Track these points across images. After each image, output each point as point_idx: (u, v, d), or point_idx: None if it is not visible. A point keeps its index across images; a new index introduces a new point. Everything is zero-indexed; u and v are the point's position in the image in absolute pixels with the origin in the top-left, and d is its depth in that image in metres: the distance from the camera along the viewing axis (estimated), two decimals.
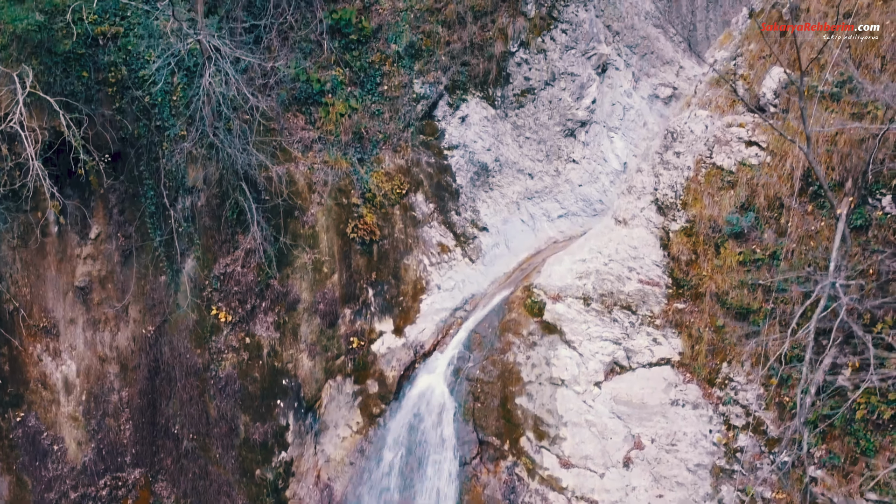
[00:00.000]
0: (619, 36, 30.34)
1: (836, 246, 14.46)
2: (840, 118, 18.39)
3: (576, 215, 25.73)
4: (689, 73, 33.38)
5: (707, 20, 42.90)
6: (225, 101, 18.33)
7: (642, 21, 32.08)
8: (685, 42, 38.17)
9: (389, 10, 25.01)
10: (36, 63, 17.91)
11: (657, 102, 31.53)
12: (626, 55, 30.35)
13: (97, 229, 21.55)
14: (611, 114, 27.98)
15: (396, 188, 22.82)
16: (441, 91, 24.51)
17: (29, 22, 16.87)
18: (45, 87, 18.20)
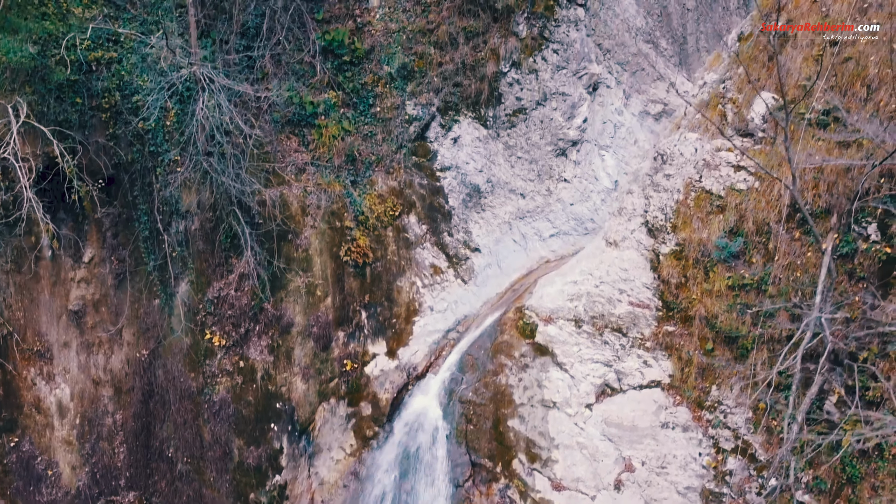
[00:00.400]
0: (610, 54, 30.59)
1: (821, 279, 14.69)
2: (827, 146, 18.68)
3: (567, 234, 25.93)
4: (680, 88, 33.66)
5: (698, 32, 43.18)
6: (219, 130, 18.43)
7: (633, 37, 32.35)
8: (676, 56, 38.48)
9: (382, 32, 25.17)
10: (29, 92, 17.98)
11: (648, 119, 31.80)
12: (616, 73, 30.59)
13: (91, 253, 21.62)
14: (602, 132, 28.21)
15: (389, 210, 22.97)
16: (433, 112, 24.69)
17: (23, 55, 16.95)
18: (38, 115, 18.27)
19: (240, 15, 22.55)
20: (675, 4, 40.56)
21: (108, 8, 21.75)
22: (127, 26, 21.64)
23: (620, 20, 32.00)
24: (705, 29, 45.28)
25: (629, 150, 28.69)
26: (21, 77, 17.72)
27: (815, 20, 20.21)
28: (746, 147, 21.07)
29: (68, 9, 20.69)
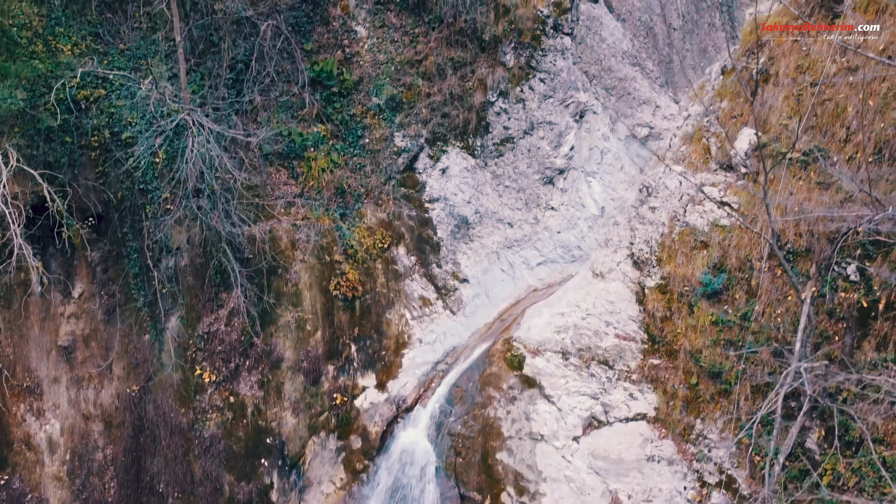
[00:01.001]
0: (597, 79, 30.93)
1: (800, 328, 15.03)
2: (807, 186, 19.06)
3: (555, 262, 26.22)
4: (666, 111, 34.07)
5: (683, 51, 43.64)
6: (209, 172, 18.58)
7: (619, 62, 32.70)
8: (662, 77, 38.89)
9: (370, 63, 25.38)
10: (18, 136, 18.05)
11: (634, 143, 32.16)
12: (603, 98, 30.93)
13: (80, 288, 21.69)
14: (588, 158, 28.53)
15: (378, 242, 23.18)
16: (422, 144, 24.91)
17: (12, 102, 17.03)
18: (27, 157, 18.34)
19: (229, 49, 22.68)
20: (660, 25, 41.00)
21: (97, 44, 21.85)
22: (117, 62, 21.76)
23: (607, 45, 32.35)
24: (691, 46, 45.78)
25: (616, 176, 29.03)
26: (10, 122, 17.79)
27: (796, 59, 20.61)
28: (730, 182, 21.45)
29: (57, 47, 20.77)
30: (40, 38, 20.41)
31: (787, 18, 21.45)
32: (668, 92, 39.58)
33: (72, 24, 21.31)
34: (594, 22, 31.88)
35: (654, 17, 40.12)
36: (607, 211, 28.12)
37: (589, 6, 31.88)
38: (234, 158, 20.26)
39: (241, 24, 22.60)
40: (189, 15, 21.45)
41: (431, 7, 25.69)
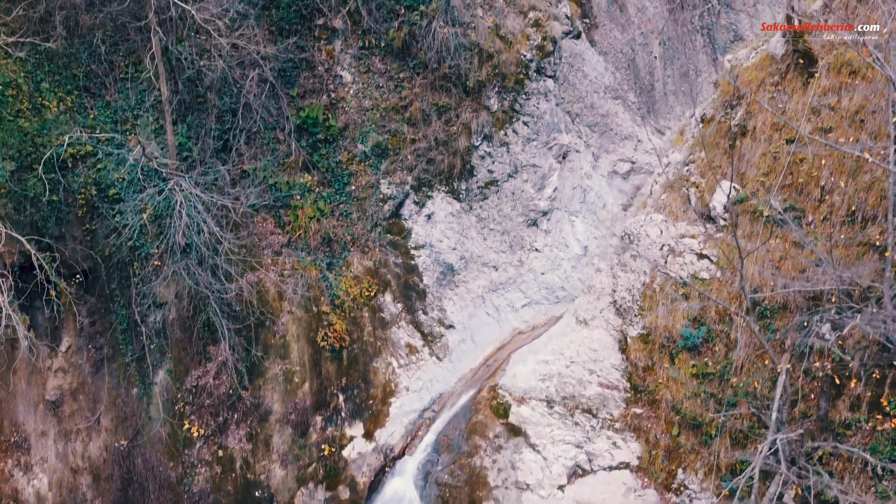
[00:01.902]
0: (580, 118, 31.35)
1: (776, 398, 15.48)
2: (784, 244, 19.59)
3: (539, 304, 26.60)
4: (647, 146, 34.55)
5: (665, 77, 44.24)
6: (197, 236, 18.75)
7: (602, 97, 33.14)
8: (644, 107, 39.43)
9: (356, 109, 25.63)
10: (4, 202, 18.14)
11: (616, 178, 32.61)
12: (586, 136, 31.35)
13: (68, 342, 21.75)
14: (571, 198, 28.94)
15: (365, 291, 23.43)
16: (407, 191, 25.19)
17: (1, 175, 17.11)
18: (13, 221, 18.42)
19: (216, 101, 22.83)
20: (641, 54, 41.56)
21: (83, 97, 21.92)
22: (102, 115, 21.87)
23: (589, 81, 32.78)
24: (672, 72, 46.40)
25: (599, 215, 29.46)
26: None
27: (772, 116, 21.11)
28: (709, 234, 21.95)
29: (43, 104, 20.85)
30: (25, 95, 20.45)
31: (764, 74, 21.99)
32: (650, 120, 40.14)
33: (58, 78, 21.36)
34: (576, 59, 32.29)
35: (636, 47, 40.67)
36: (590, 250, 28.54)
37: (571, 43, 32.28)
38: (221, 214, 20.41)
39: (227, 74, 22.73)
40: (175, 69, 21.57)
41: (416, 52, 25.97)
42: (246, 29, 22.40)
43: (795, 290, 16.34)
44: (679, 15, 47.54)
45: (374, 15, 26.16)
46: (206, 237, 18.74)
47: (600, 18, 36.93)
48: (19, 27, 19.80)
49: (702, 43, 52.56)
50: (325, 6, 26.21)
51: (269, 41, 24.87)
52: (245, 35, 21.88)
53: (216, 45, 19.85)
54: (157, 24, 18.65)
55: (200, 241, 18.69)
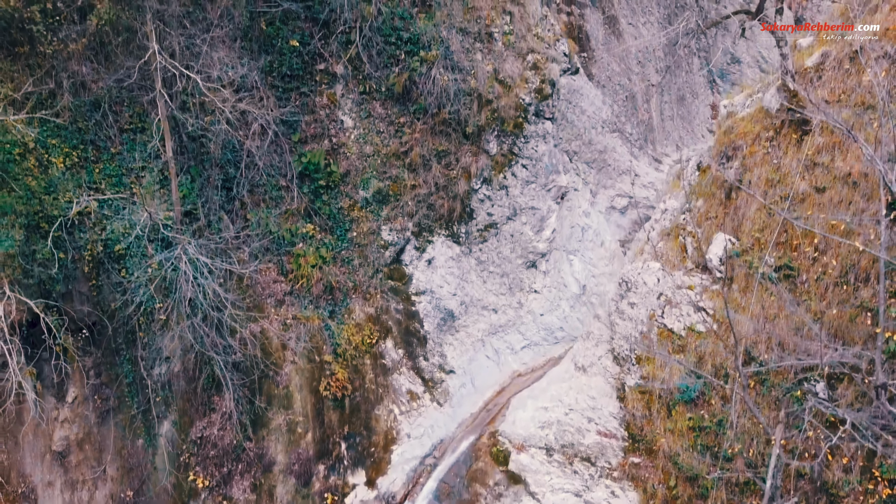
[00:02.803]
0: (577, 155, 31.74)
1: (771, 465, 15.83)
2: (778, 301, 19.95)
3: (538, 345, 26.96)
4: (644, 179, 34.99)
5: (662, 104, 44.65)
6: (204, 299, 19.07)
7: (599, 133, 33.52)
8: (642, 138, 39.81)
9: (357, 155, 25.96)
10: (12, 267, 18.44)
11: (614, 213, 33.03)
12: (584, 173, 31.75)
13: (74, 393, 22.04)
14: (570, 237, 29.31)
15: (367, 338, 23.75)
16: (408, 237, 25.53)
17: (10, 245, 17.41)
18: (22, 284, 18.72)
19: (218, 150, 23.12)
20: (638, 83, 41.95)
21: (88, 151, 22.21)
22: (108, 168, 22.17)
23: (587, 116, 33.16)
24: (669, 98, 46.84)
25: (596, 253, 29.83)
26: (5, 260, 18.16)
27: (768, 171, 21.49)
28: (706, 285, 22.31)
29: (49, 160, 21.15)
30: (32, 153, 20.74)
31: (759, 127, 22.35)
32: (648, 150, 40.55)
33: (64, 133, 21.67)
34: (574, 94, 32.67)
35: (633, 77, 41.07)
36: (588, 288, 28.92)
37: (569, 79, 32.66)
38: (225, 270, 20.72)
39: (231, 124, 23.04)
40: (179, 126, 21.86)
41: (416, 98, 26.32)
42: (250, 91, 22.71)
43: (787, 364, 16.64)
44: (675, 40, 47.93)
45: (375, 61, 26.51)
46: (210, 298, 19.05)
47: (598, 51, 37.30)
48: (26, 98, 20.10)
49: (698, 65, 52.99)
50: (326, 51, 26.55)
51: (271, 88, 25.21)
52: (248, 96, 22.15)
53: (221, 108, 20.14)
54: (161, 85, 18.95)
55: (206, 302, 19.00)
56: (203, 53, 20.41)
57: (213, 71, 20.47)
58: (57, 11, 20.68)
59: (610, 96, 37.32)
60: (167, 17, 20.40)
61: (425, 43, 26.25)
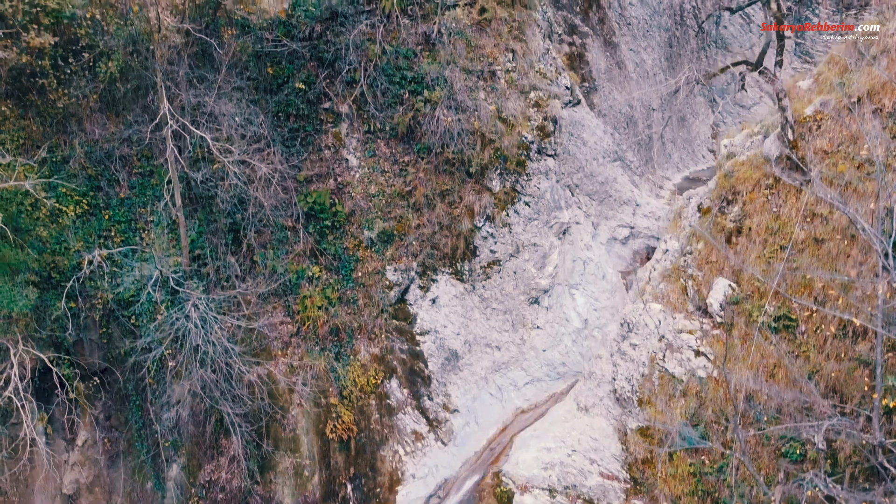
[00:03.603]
0: (579, 188, 32.06)
1: None
2: (777, 351, 20.28)
3: (540, 381, 27.28)
4: (645, 209, 35.29)
5: (663, 128, 44.90)
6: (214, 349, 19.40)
7: (601, 164, 33.84)
8: (643, 165, 40.11)
9: (362, 195, 26.28)
10: (26, 323, 18.79)
11: (616, 244, 33.34)
12: (585, 206, 32.06)
13: (84, 436, 22.38)
14: (572, 271, 29.62)
15: (372, 379, 24.08)
16: (412, 276, 25.85)
17: (24, 305, 17.76)
18: (35, 338, 19.06)
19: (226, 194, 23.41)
20: (639, 109, 42.28)
21: (98, 197, 22.55)
22: (117, 215, 22.50)
23: (588, 148, 33.49)
24: (670, 120, 47.06)
25: (598, 286, 30.14)
26: (20, 318, 18.51)
27: (767, 219, 21.83)
28: (706, 330, 22.65)
29: (60, 209, 21.47)
30: (43, 203, 21.07)
31: (759, 174, 22.69)
32: (649, 176, 40.86)
33: (73, 181, 22.00)
34: (576, 126, 33.00)
35: (634, 103, 41.39)
36: (590, 322, 29.23)
37: (571, 111, 32.99)
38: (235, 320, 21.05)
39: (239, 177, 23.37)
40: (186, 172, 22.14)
41: (420, 137, 26.65)
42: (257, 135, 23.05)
43: (784, 427, 16.96)
44: (676, 63, 48.31)
45: (380, 101, 26.85)
46: (220, 352, 19.39)
47: (599, 81, 37.63)
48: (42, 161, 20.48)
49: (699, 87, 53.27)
50: (331, 91, 26.90)
51: (277, 129, 25.54)
52: (255, 142, 22.50)
53: (231, 168, 20.47)
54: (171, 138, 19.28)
55: (215, 355, 19.34)
56: (212, 111, 20.72)
57: (222, 126, 20.80)
58: (68, 65, 21.02)
59: (611, 124, 37.65)
60: (178, 77, 20.73)
61: (429, 82, 26.58)
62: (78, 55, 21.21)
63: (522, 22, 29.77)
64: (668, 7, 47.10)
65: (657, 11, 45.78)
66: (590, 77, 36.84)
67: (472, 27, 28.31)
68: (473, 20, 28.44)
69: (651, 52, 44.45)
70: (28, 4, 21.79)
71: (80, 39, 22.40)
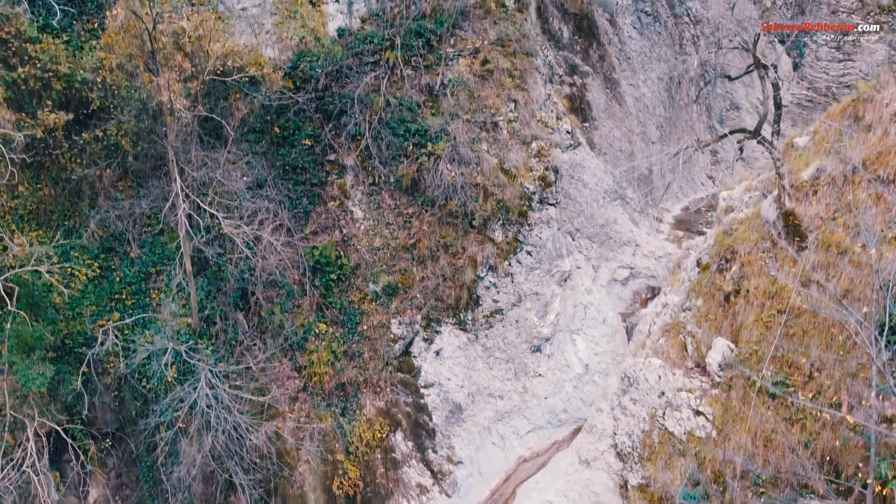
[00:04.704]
0: (580, 232, 32.53)
1: None
2: (775, 415, 20.75)
3: (542, 428, 27.74)
4: (645, 249, 35.74)
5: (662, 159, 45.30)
6: (225, 418, 19.87)
7: (601, 206, 34.29)
8: (643, 200, 40.57)
9: (367, 248, 26.74)
10: (41, 396, 19.26)
11: (616, 285, 33.79)
12: (586, 249, 32.53)
13: (95, 494, 22.83)
14: (573, 316, 30.09)
15: (377, 433, 24.55)
16: (417, 329, 26.31)
17: (41, 383, 18.23)
18: (49, 407, 19.52)
19: (234, 256, 23.84)
20: (639, 143, 42.77)
21: (109, 259, 23.01)
22: (128, 276, 22.96)
23: (589, 189, 33.95)
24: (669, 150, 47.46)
25: (599, 330, 30.61)
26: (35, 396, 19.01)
27: (765, 282, 22.28)
28: (705, 388, 23.11)
29: (73, 273, 21.92)
30: (56, 266, 21.51)
31: (757, 236, 23.15)
32: (648, 210, 41.33)
33: (86, 245, 22.45)
34: (577, 169, 33.47)
35: (634, 138, 41.86)
36: (591, 367, 29.69)
37: (572, 154, 33.46)
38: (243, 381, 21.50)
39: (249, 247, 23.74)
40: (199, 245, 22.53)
41: (424, 189, 27.11)
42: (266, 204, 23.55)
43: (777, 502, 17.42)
44: (676, 93, 48.81)
45: (384, 153, 27.32)
46: (229, 421, 19.86)
47: (600, 120, 38.09)
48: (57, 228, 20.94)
49: (698, 112, 53.81)
50: (336, 143, 27.37)
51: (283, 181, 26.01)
52: (264, 220, 22.99)
53: (241, 246, 20.93)
54: (183, 219, 19.73)
55: (226, 424, 19.80)
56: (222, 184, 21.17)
57: (231, 196, 21.27)
58: (80, 137, 21.48)
59: (611, 162, 38.12)
60: (189, 155, 21.17)
61: (432, 135, 27.02)
62: (90, 127, 21.67)
63: (524, 70, 30.24)
64: (667, 38, 47.58)
65: (657, 43, 46.24)
66: (590, 117, 37.30)
67: (475, 78, 28.77)
68: (476, 72, 28.90)
69: (651, 84, 44.91)
70: (40, 70, 22.33)
71: (91, 103, 22.92)
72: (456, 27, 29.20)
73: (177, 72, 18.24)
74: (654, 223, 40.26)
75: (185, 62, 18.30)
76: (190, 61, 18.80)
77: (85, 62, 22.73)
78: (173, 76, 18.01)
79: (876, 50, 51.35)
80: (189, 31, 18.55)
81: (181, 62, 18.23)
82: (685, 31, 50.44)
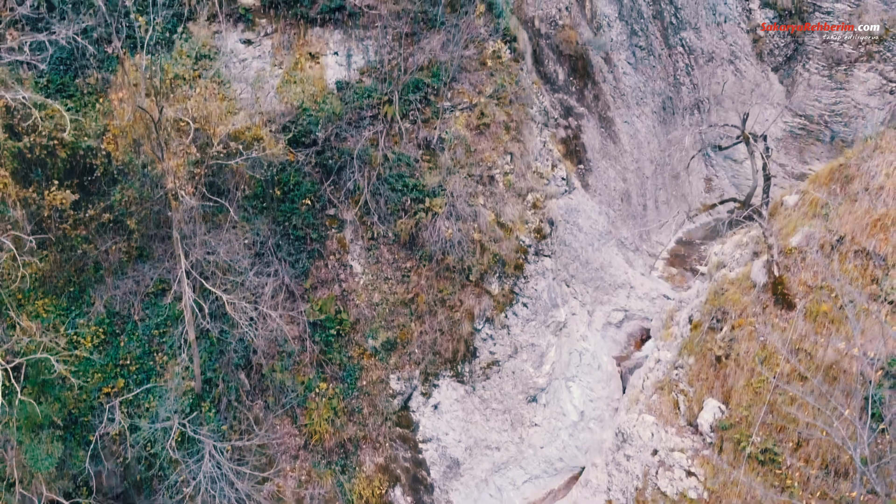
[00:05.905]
0: (575, 278, 33.07)
1: None
2: (764, 485, 21.32)
3: (538, 478, 28.27)
4: (640, 290, 36.27)
5: (656, 191, 45.84)
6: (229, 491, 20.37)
7: (596, 248, 34.85)
8: (638, 238, 41.09)
9: (366, 304, 27.23)
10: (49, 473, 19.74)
11: (611, 329, 34.33)
12: (581, 294, 33.07)
13: None
14: (568, 363, 30.64)
15: (377, 489, 25.05)
16: (415, 384, 26.83)
17: (50, 463, 18.71)
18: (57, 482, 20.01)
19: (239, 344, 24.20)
20: (633, 179, 43.29)
21: (113, 324, 23.45)
22: (132, 339, 23.44)
23: (584, 233, 34.52)
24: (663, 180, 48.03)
25: (594, 376, 31.16)
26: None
27: (755, 347, 22.84)
28: (697, 448, 23.68)
29: (78, 341, 22.39)
30: (62, 335, 21.97)
31: (748, 301, 23.72)
32: (643, 248, 41.85)
33: (89, 310, 22.91)
34: (572, 213, 34.04)
35: (629, 175, 42.39)
36: (586, 414, 30.24)
37: (567, 199, 34.02)
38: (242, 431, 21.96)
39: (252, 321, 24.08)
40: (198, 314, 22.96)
41: (421, 244, 27.61)
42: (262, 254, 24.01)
43: None
44: (670, 123, 49.38)
45: (383, 208, 27.80)
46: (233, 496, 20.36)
47: (594, 161, 38.62)
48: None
49: (691, 140, 54.33)
50: (335, 198, 27.85)
51: (283, 238, 26.50)
52: (265, 284, 23.46)
53: (244, 327, 21.42)
54: (188, 304, 20.21)
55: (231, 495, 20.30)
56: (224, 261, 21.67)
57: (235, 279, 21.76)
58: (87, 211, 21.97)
59: (606, 202, 38.65)
60: (196, 240, 21.63)
61: (430, 190, 27.51)
62: (94, 201, 22.13)
63: (520, 122, 30.76)
64: (661, 71, 48.13)
65: (651, 77, 46.79)
66: (585, 158, 37.84)
67: (472, 133, 29.28)
68: (473, 125, 29.41)
69: (645, 118, 45.44)
70: (46, 138, 22.80)
71: (95, 170, 23.40)
72: (453, 80, 29.70)
73: (181, 156, 18.73)
74: (647, 260, 40.81)
75: (190, 148, 18.79)
76: (194, 143, 19.29)
77: (88, 128, 23.20)
78: (178, 162, 18.49)
79: (868, 79, 51.99)
80: (192, 112, 19.03)
81: (187, 148, 18.72)
82: (679, 60, 51.00)
